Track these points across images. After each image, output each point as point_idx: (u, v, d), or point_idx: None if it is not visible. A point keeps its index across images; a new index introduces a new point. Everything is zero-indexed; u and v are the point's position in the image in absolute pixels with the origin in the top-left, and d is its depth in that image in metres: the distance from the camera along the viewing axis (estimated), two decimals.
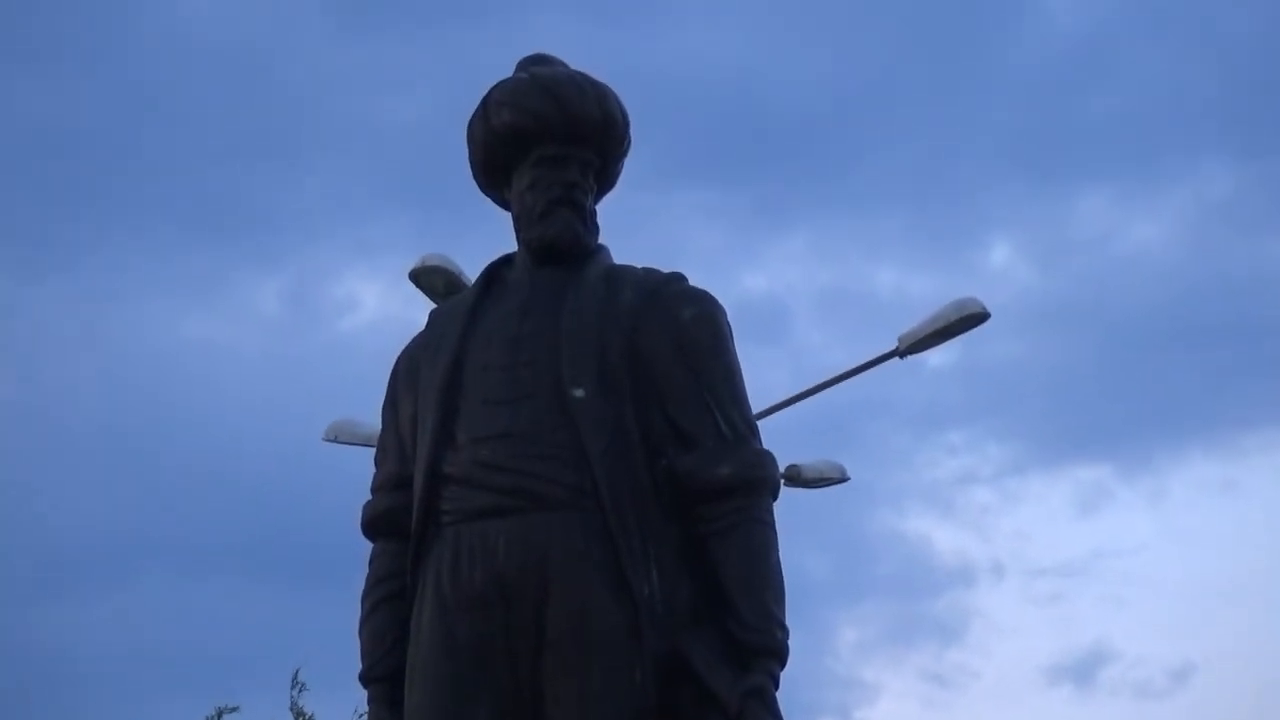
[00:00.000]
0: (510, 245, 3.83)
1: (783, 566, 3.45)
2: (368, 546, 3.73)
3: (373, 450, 3.83)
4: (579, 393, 3.41)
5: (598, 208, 3.82)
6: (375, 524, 3.70)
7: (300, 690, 15.73)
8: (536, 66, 3.82)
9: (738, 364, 3.63)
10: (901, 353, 11.40)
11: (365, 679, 3.60)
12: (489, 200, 3.93)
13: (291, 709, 15.66)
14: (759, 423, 3.71)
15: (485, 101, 3.77)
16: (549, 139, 3.68)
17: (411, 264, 10.39)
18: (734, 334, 3.66)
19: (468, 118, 3.84)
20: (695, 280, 3.72)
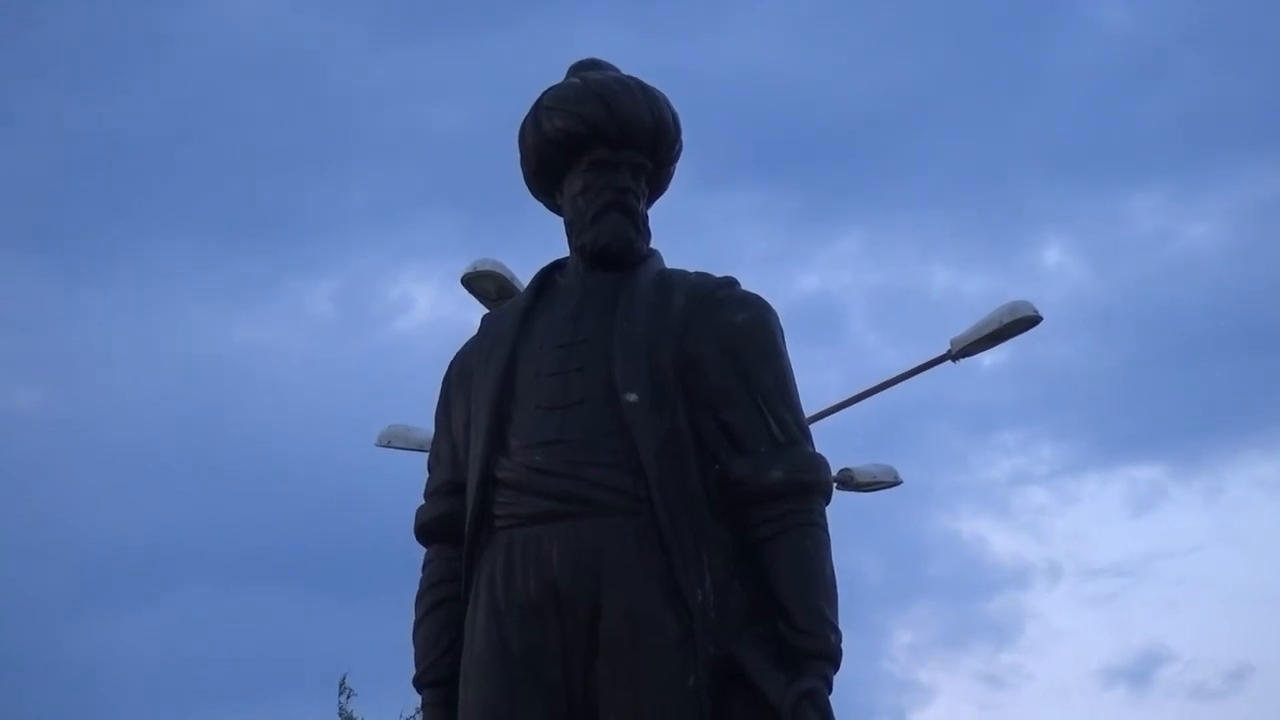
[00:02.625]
0: (559, 250, 3.84)
1: (836, 570, 3.44)
2: (419, 553, 3.74)
3: (426, 456, 3.84)
4: (631, 397, 3.41)
5: (650, 212, 3.82)
6: (429, 529, 3.71)
7: (349, 696, 15.85)
8: (588, 72, 3.82)
9: (790, 368, 3.62)
10: (954, 356, 11.34)
11: (420, 683, 3.61)
12: (538, 205, 3.94)
13: (340, 714, 15.78)
14: (811, 426, 3.70)
15: (537, 107, 3.78)
16: (601, 144, 3.68)
17: (462, 268, 10.40)
18: (786, 337, 3.65)
19: (515, 123, 3.84)
20: (748, 283, 3.71)
